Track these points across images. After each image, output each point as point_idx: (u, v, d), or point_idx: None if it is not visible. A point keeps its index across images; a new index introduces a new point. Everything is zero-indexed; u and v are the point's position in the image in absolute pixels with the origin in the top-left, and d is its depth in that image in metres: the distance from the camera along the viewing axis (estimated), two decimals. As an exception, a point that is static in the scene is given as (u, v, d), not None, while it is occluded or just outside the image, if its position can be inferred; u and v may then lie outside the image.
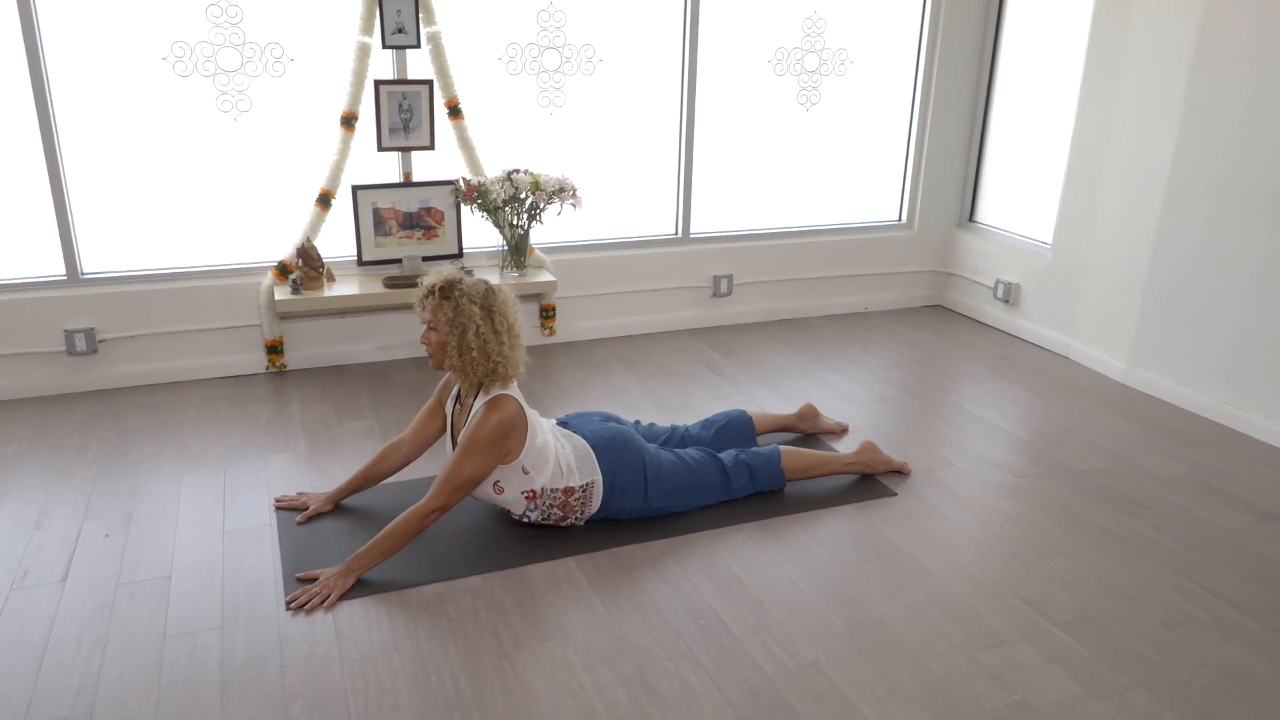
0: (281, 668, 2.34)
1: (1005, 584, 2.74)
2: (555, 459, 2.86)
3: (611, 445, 2.96)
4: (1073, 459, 3.55)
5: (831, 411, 3.90)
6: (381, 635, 2.47)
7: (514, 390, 2.79)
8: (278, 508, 3.09)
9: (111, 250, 4.01)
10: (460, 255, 4.41)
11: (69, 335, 3.92)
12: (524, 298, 4.59)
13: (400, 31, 4.07)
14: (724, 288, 4.95)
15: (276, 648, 2.41)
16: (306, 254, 4.05)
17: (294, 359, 4.28)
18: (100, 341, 3.99)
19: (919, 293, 5.43)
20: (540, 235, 4.56)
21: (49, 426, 3.64)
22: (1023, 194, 4.97)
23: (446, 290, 2.72)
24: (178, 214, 4.06)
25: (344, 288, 4.13)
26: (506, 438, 2.72)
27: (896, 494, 3.25)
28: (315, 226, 4.15)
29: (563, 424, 3.10)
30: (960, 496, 3.24)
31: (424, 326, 2.79)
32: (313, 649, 2.41)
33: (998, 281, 5.01)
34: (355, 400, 3.95)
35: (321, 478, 3.29)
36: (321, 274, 4.11)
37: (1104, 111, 4.31)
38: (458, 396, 2.94)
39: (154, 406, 3.85)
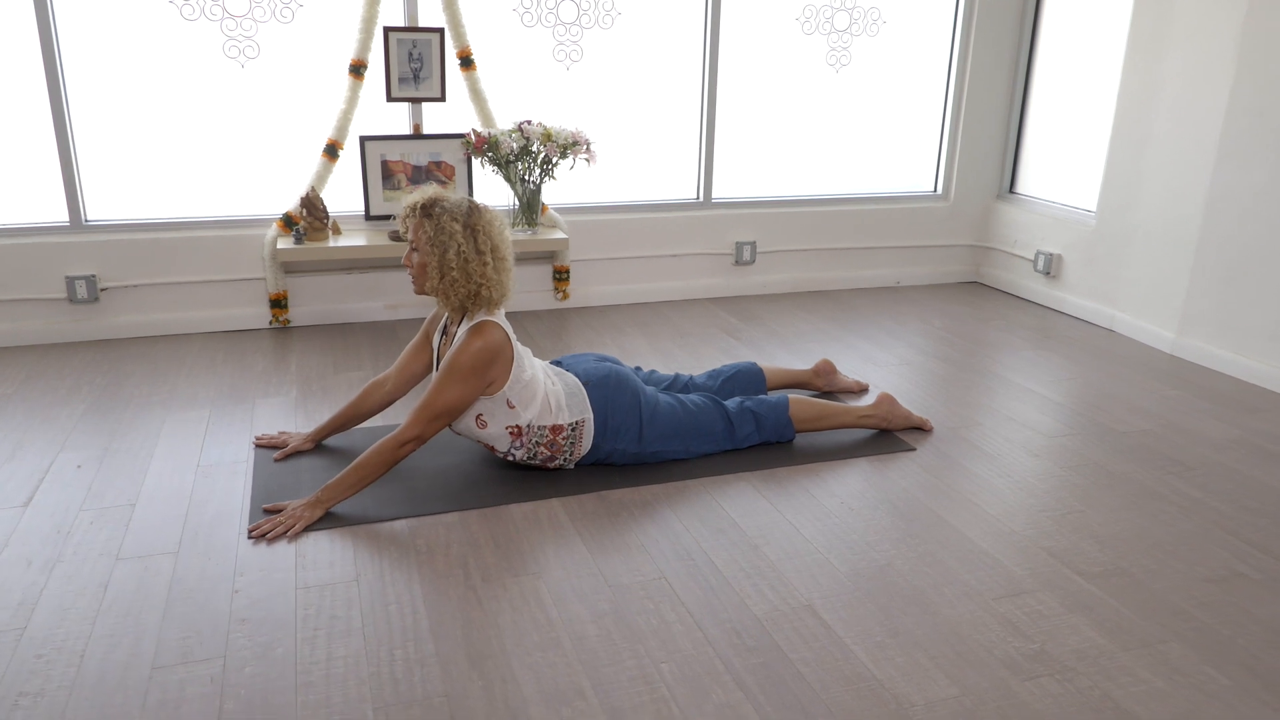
0: (232, 593, 2.18)
1: (1030, 536, 2.49)
2: (544, 395, 2.68)
3: (605, 383, 2.77)
4: (1111, 421, 3.28)
5: (852, 372, 3.68)
6: (344, 565, 2.30)
7: (500, 317, 2.62)
8: (257, 445, 2.95)
9: (116, 197, 3.94)
10: (471, 213, 4.26)
11: (70, 282, 3.84)
12: (536, 258, 4.44)
13: (411, -23, 3.96)
14: (747, 255, 4.75)
15: (230, 574, 2.26)
16: (311, 204, 3.94)
17: (298, 315, 4.17)
18: (102, 290, 3.91)
19: (954, 268, 5.16)
20: (555, 196, 4.40)
21: (43, 372, 3.56)
22: (1065, 161, 4.70)
23: (428, 208, 2.56)
24: (183, 162, 3.98)
25: (349, 240, 4.01)
26: (490, 365, 2.55)
27: (915, 449, 3.02)
28: (322, 177, 4.04)
29: (557, 364, 2.92)
30: (985, 453, 3.00)
31: (409, 249, 2.64)
32: (268, 576, 2.25)
33: (1038, 253, 4.73)
34: (355, 354, 3.82)
35: (309, 421, 3.15)
36: (326, 225, 3.99)
37: (1151, 65, 4.04)
38: (445, 329, 2.78)
39: (151, 356, 3.75)
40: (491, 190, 4.30)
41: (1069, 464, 2.94)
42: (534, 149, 4.04)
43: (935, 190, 5.10)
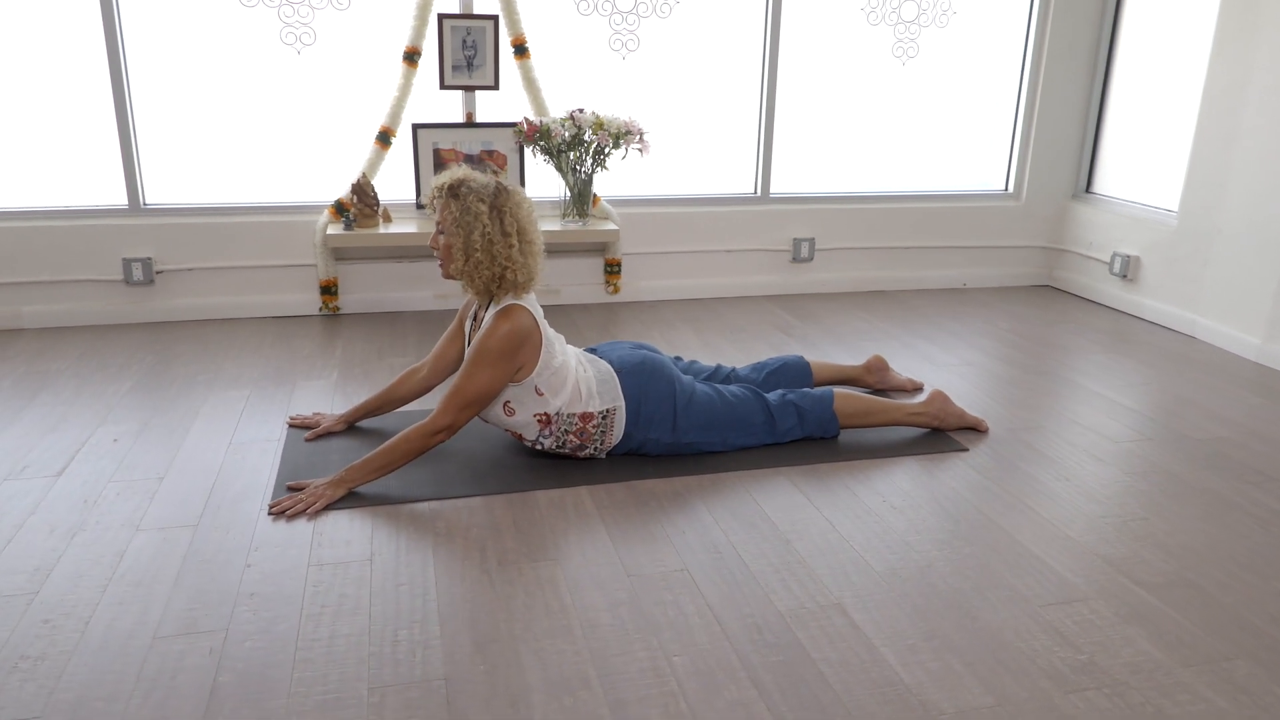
0: (245, 566, 2.14)
1: (1087, 542, 2.31)
2: (574, 382, 2.60)
3: (639, 370, 2.67)
4: (1187, 428, 3.05)
5: (907, 372, 3.51)
6: (360, 545, 2.24)
7: (529, 302, 2.55)
8: (290, 425, 2.93)
9: (173, 181, 3.99)
10: (522, 203, 4.21)
11: (127, 264, 3.91)
12: (587, 251, 4.37)
13: (466, -35, 3.94)
14: (805, 252, 4.60)
15: (246, 548, 2.22)
16: (362, 190, 3.94)
17: (348, 302, 4.17)
18: (158, 272, 3.97)
19: (1025, 270, 4.93)
20: (608, 188, 4.33)
21: (97, 351, 3.61)
22: (1145, 158, 4.45)
23: (455, 188, 2.50)
24: (239, 147, 4.03)
25: (399, 228, 4.00)
26: (518, 350, 2.48)
27: (968, 450, 2.85)
28: (374, 164, 4.04)
29: (591, 351, 2.84)
30: (1045, 456, 2.81)
31: (435, 230, 2.58)
32: (283, 552, 2.21)
33: (1114, 255, 4.48)
34: (401, 342, 3.79)
35: (346, 404, 3.12)
36: (377, 212, 3.99)
37: (1240, 56, 3.79)
38: (475, 314, 2.72)
39: (202, 338, 3.79)
40: (543, 180, 4.25)
41: (1136, 470, 2.74)
42: (586, 138, 3.97)
43: (1006, 189, 4.88)
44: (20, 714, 1.66)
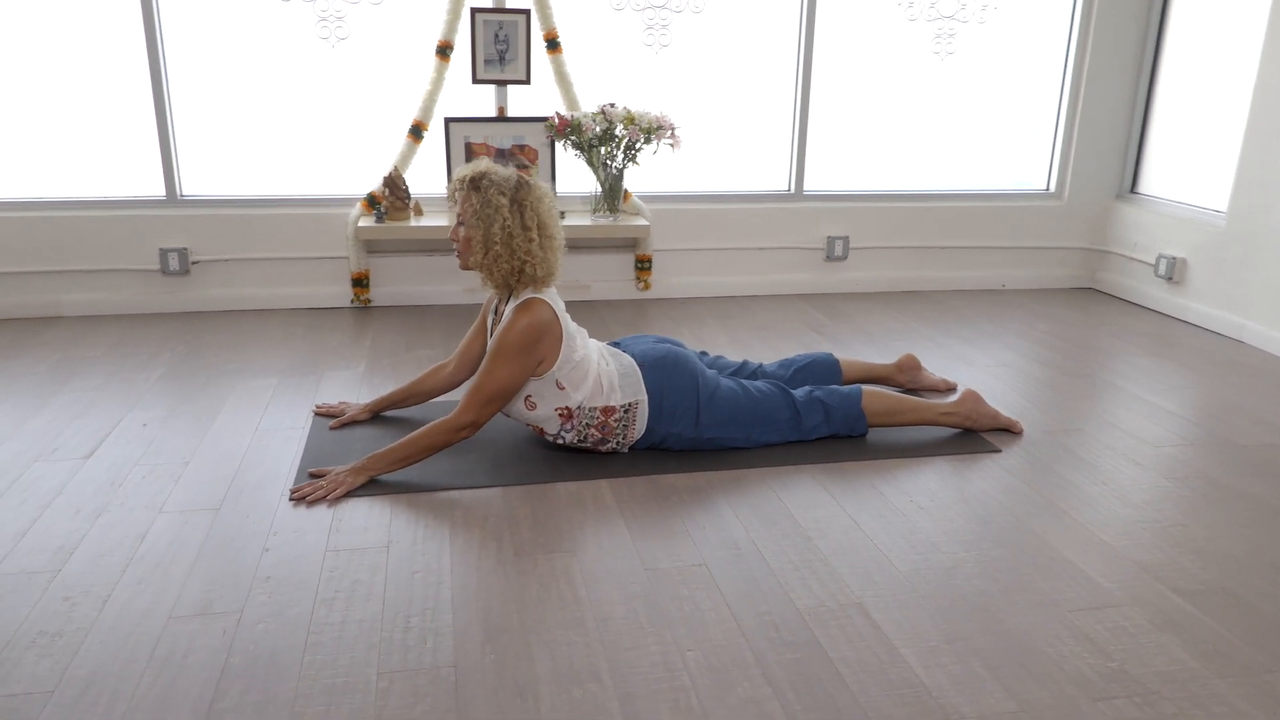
0: (262, 551, 2.14)
1: (1122, 548, 2.24)
2: (596, 375, 2.57)
3: (661, 364, 2.64)
4: (1232, 434, 2.95)
5: (941, 372, 3.44)
6: (378, 532, 2.24)
7: (549, 295, 2.53)
8: (316, 413, 2.94)
9: (209, 173, 4.04)
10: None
11: (163, 254, 3.96)
12: (617, 247, 4.34)
13: (501, -41, 3.94)
14: (839, 250, 4.54)
15: (265, 533, 2.22)
16: (393, 183, 3.96)
17: (379, 295, 4.19)
18: (193, 263, 4.01)
19: (1067, 271, 4.82)
20: (640, 184, 4.31)
21: (131, 339, 3.66)
22: (1194, 157, 4.33)
23: (476, 181, 2.49)
24: (274, 140, 4.06)
25: (430, 221, 4.01)
26: (537, 343, 2.46)
27: (1000, 451, 2.77)
28: (406, 158, 4.06)
29: (615, 345, 2.81)
30: (1081, 459, 2.73)
31: (455, 222, 2.57)
32: (301, 537, 2.20)
33: (1159, 257, 4.36)
34: (429, 335, 3.80)
35: (372, 394, 3.12)
36: (408, 205, 4.00)
37: (1296, 48, 3.67)
38: (496, 309, 2.70)
39: (234, 329, 3.82)
40: (574, 175, 4.23)
41: (1177, 475, 2.65)
42: (617, 132, 3.95)
43: (1048, 188, 4.77)
44: (34, 688, 1.67)
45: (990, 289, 4.74)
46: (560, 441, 2.64)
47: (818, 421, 2.76)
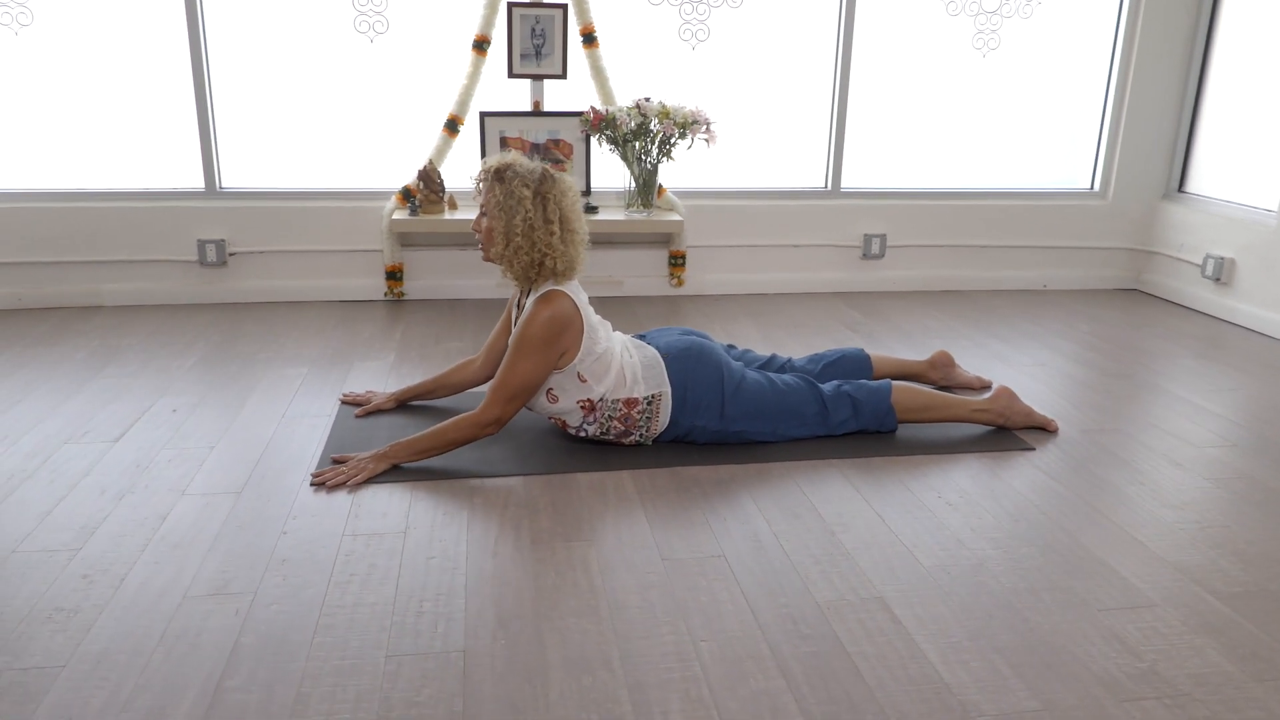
0: (280, 534, 2.15)
1: (1158, 548, 2.16)
2: (619, 367, 2.55)
3: (685, 355, 2.61)
4: (1278, 435, 2.84)
5: (976, 370, 3.36)
6: (396, 517, 2.23)
7: (571, 288, 2.51)
8: (342, 402, 2.95)
9: (248, 165, 4.09)
10: (588, 194, 4.19)
11: (201, 245, 4.01)
12: (651, 242, 4.32)
13: (536, -47, 3.94)
14: (876, 248, 4.47)
15: (284, 516, 2.23)
16: (428, 176, 3.97)
17: (413, 288, 4.21)
18: (230, 254, 4.06)
19: (1111, 272, 4.70)
20: (674, 180, 4.28)
21: (168, 328, 3.71)
22: (1244, 155, 4.19)
23: (500, 172, 2.48)
24: (312, 133, 4.10)
25: (464, 214, 4.01)
26: (559, 336, 2.44)
27: (1034, 449, 2.70)
28: (441, 151, 4.07)
29: (640, 338, 2.78)
30: (1118, 458, 2.65)
31: (479, 213, 2.57)
32: (320, 521, 2.21)
33: (1207, 257, 4.23)
34: (460, 328, 3.80)
35: (399, 385, 3.12)
36: (442, 199, 4.01)
37: (1354, 40, 3.54)
38: (520, 304, 2.69)
39: (269, 320, 3.85)
40: (609, 170, 4.22)
41: (1219, 477, 2.55)
42: (652, 127, 3.93)
43: (1092, 187, 4.66)
44: (47, 662, 1.68)
45: (1031, 289, 4.64)
46: (582, 434, 2.62)
47: (846, 416, 2.71)
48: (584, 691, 1.63)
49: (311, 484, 2.39)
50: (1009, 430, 2.81)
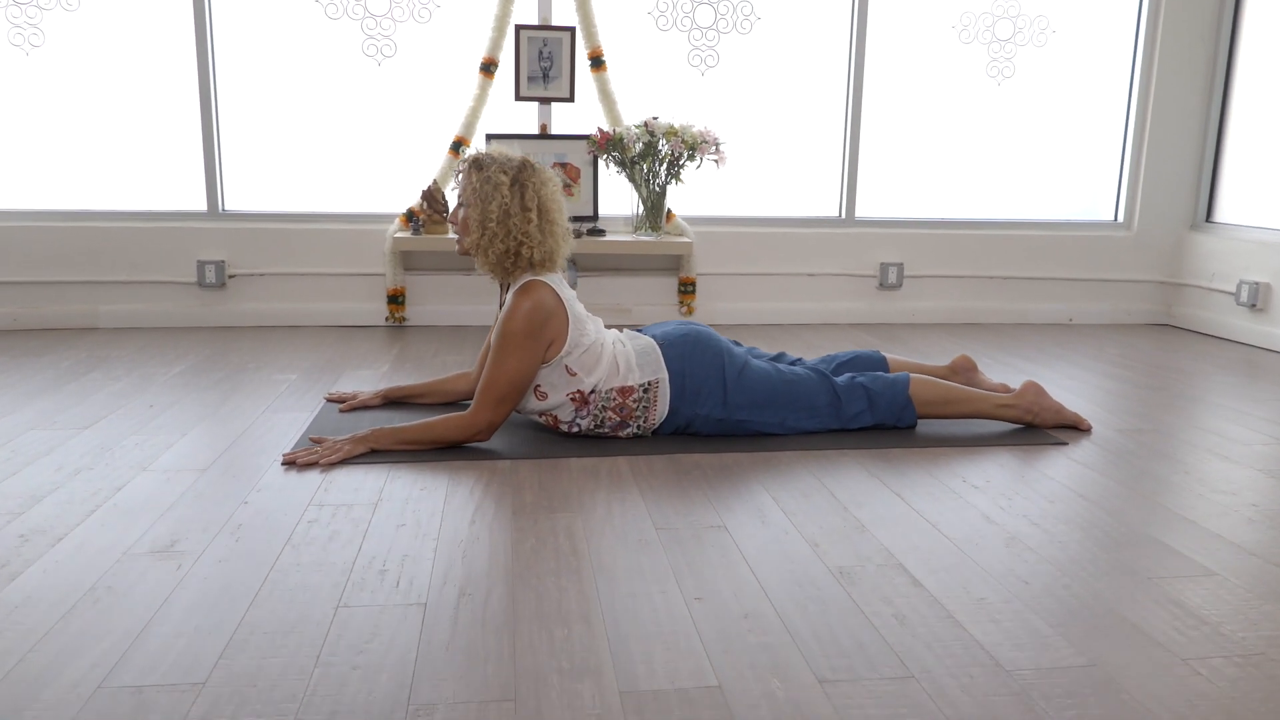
0: (241, 504, 1.97)
1: (1215, 528, 1.93)
2: (611, 357, 2.39)
3: (683, 341, 2.44)
4: (1335, 437, 2.62)
5: (1000, 380, 3.16)
6: (370, 491, 2.05)
7: (553, 280, 2.37)
8: (327, 400, 2.79)
9: (250, 187, 4.03)
10: (595, 218, 4.10)
11: (201, 266, 3.93)
12: (661, 270, 4.20)
13: (545, -23, 3.94)
14: (893, 278, 4.32)
15: (248, 489, 2.05)
16: (432, 197, 3.90)
17: (415, 314, 4.09)
18: (230, 276, 3.97)
19: (1139, 306, 4.52)
20: (685, 207, 4.18)
21: (160, 347, 3.58)
22: (1273, 180, 4.05)
23: (478, 160, 2.39)
24: (317, 155, 4.05)
25: (466, 236, 3.92)
26: (543, 326, 2.29)
27: (1066, 444, 2.49)
28: (446, 173, 4.00)
29: (636, 331, 2.63)
30: (1160, 453, 2.43)
31: (457, 204, 2.46)
32: (285, 494, 2.03)
33: (1240, 283, 4.05)
34: (459, 349, 3.66)
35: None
36: (445, 219, 3.92)
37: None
38: (502, 305, 2.56)
39: (263, 340, 3.73)
40: (617, 194, 4.13)
41: (1270, 469, 2.32)
42: (660, 146, 3.85)
43: (1115, 218, 4.52)
44: (-42, 609, 1.50)
45: (1057, 322, 4.46)
46: (575, 430, 2.43)
47: (861, 409, 2.52)
48: (556, 643, 1.42)
49: (282, 462, 2.22)
50: (1037, 428, 2.60)
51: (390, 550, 1.75)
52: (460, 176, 2.44)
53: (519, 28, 3.95)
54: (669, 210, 4.07)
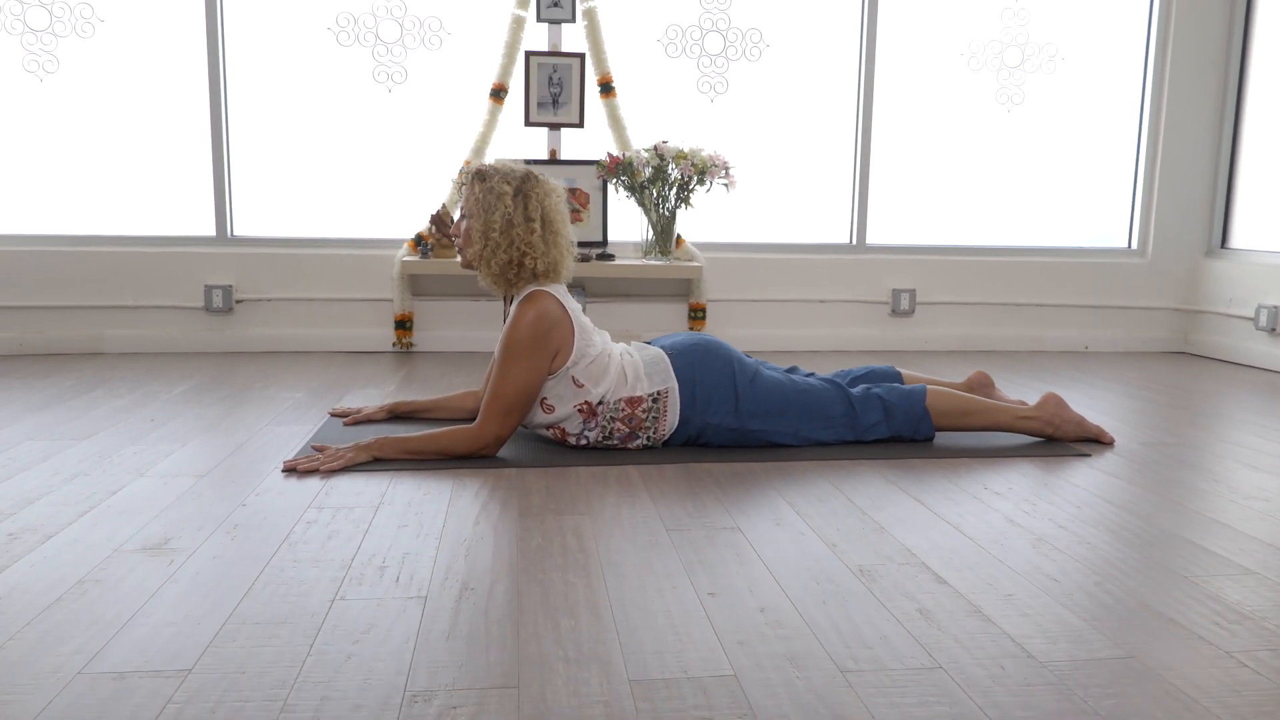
0: (239, 505, 1.91)
1: (1251, 531, 1.85)
2: (619, 367, 2.34)
3: (693, 350, 2.39)
4: (1367, 451, 2.54)
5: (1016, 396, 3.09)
6: (372, 494, 1.99)
7: (557, 290, 2.33)
8: (331, 414, 2.74)
9: (260, 212, 4.03)
10: (605, 243, 4.08)
11: (208, 291, 3.91)
12: (670, 295, 4.16)
13: (556, 5, 3.97)
14: (905, 304, 4.28)
15: (246, 492, 1.99)
16: (440, 221, 3.88)
17: (422, 339, 4.05)
18: (238, 301, 3.95)
19: (1156, 334, 4.45)
20: (695, 232, 4.16)
21: (166, 370, 3.55)
22: (1292, 201, 4.01)
23: (481, 171, 2.37)
24: (326, 181, 4.05)
25: (475, 260, 3.89)
26: (548, 334, 2.24)
27: (1089, 455, 2.41)
28: (455, 199, 3.99)
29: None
30: (1186, 462, 2.35)
31: (459, 216, 2.44)
32: (285, 497, 1.97)
33: (1259, 308, 3.99)
34: (467, 375, 3.61)
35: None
36: (455, 244, 3.90)
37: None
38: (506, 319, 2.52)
39: (270, 364, 3.69)
40: (627, 219, 4.11)
41: (1305, 481, 2.25)
42: (669, 170, 3.84)
43: (1129, 245, 4.48)
44: (-61, 600, 1.44)
45: (1073, 350, 4.39)
46: (584, 443, 2.37)
47: (877, 419, 2.46)
48: (563, 632, 1.35)
49: (283, 469, 2.16)
50: (1058, 440, 2.53)
51: (391, 548, 1.68)
52: (463, 189, 2.42)
53: (529, 54, 3.97)
54: (679, 235, 4.05)
